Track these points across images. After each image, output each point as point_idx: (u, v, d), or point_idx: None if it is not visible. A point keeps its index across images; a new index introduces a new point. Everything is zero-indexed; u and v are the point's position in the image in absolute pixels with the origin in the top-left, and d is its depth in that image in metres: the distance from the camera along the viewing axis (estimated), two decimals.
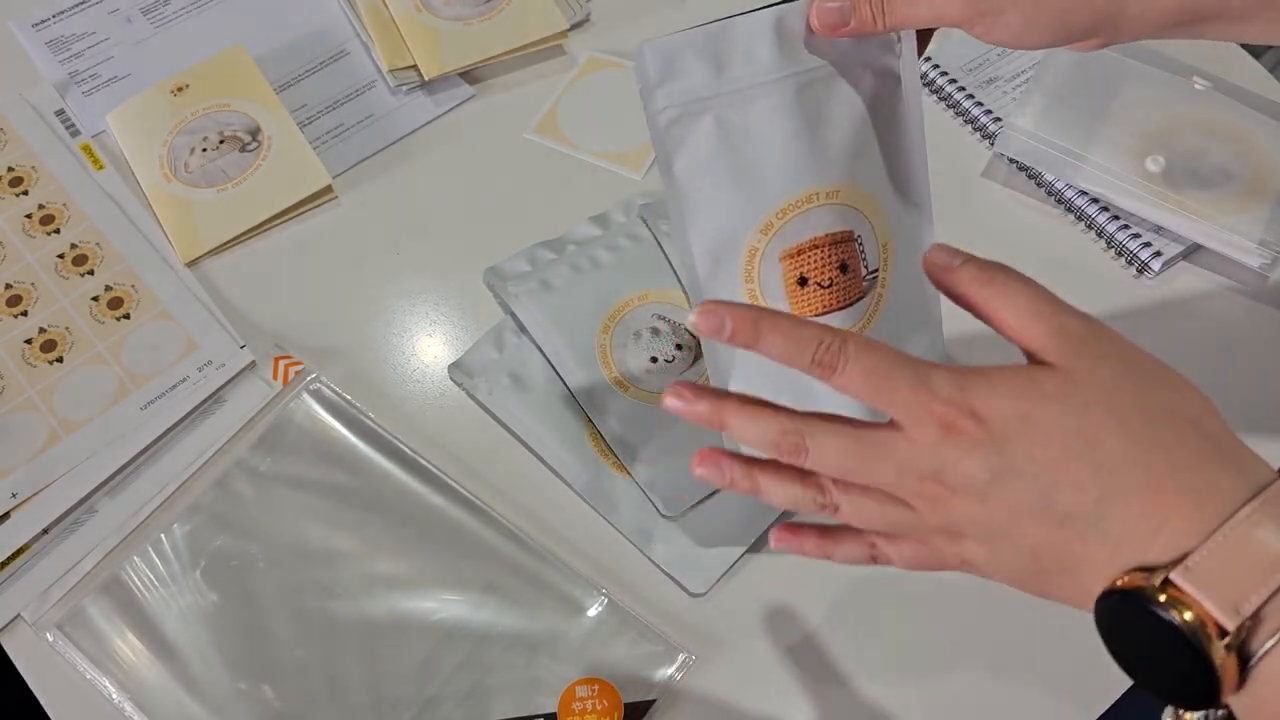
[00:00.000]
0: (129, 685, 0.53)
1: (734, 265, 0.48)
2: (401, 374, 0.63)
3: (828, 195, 0.47)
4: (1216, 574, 0.28)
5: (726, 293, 0.49)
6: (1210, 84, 0.69)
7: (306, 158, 0.70)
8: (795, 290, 0.48)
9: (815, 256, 0.47)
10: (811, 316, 0.48)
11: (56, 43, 0.77)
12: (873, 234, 0.49)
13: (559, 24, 0.75)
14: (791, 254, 0.48)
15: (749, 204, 0.47)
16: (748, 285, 0.48)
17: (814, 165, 0.47)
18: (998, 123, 0.71)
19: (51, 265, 0.66)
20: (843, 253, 0.48)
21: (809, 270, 0.48)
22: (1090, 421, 0.32)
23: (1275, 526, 0.28)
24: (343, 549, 0.56)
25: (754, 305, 0.38)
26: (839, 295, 0.48)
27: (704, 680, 0.54)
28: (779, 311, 0.38)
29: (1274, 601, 0.27)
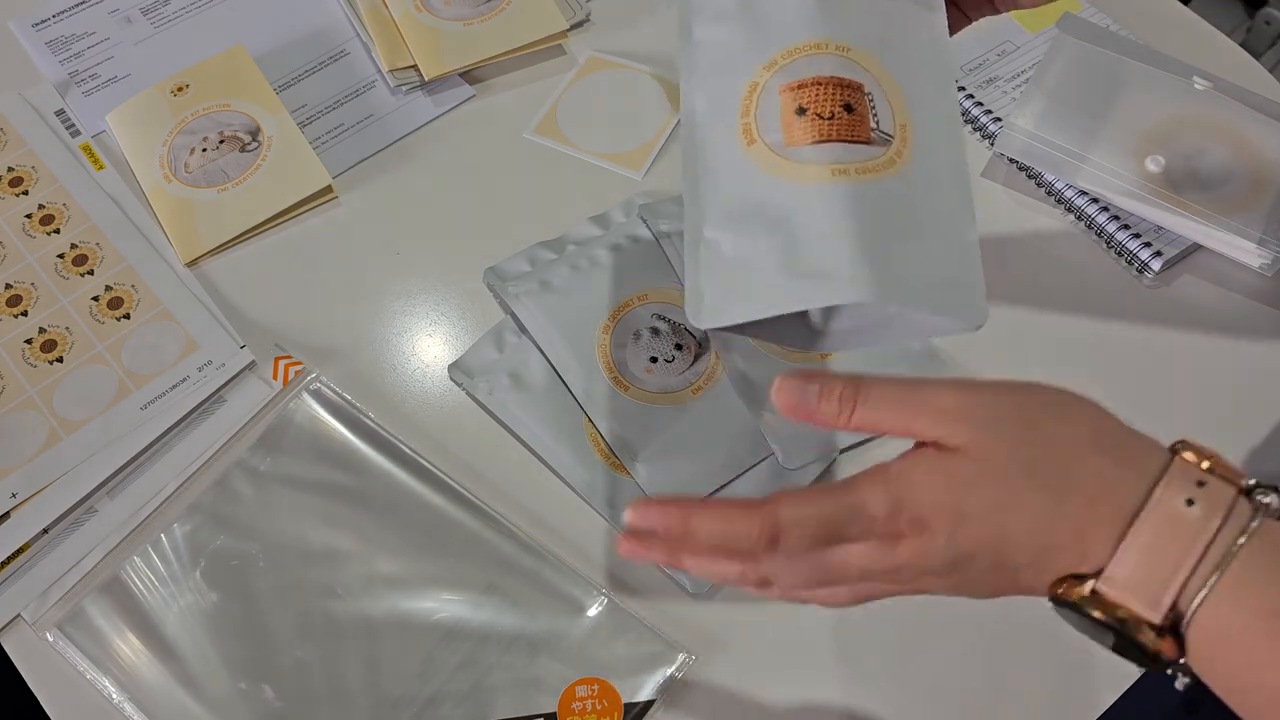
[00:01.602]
0: (129, 685, 0.53)
1: (731, 100, 0.46)
2: (401, 374, 0.63)
3: (838, 48, 0.45)
4: (1131, 579, 0.32)
5: (720, 131, 0.46)
6: (1210, 84, 0.69)
7: (306, 158, 0.70)
8: (792, 120, 0.44)
9: (817, 91, 0.44)
10: (807, 145, 0.43)
11: (56, 43, 0.77)
12: (888, 104, 0.45)
13: (559, 24, 0.75)
14: (793, 86, 0.45)
15: (756, 44, 0.46)
16: (743, 120, 0.45)
17: (830, 22, 0.46)
18: (998, 123, 0.71)
19: (51, 265, 0.66)
20: (849, 95, 0.44)
21: (809, 101, 0.44)
22: (1011, 490, 0.34)
23: (1167, 524, 0.31)
24: (343, 549, 0.57)
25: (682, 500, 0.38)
26: (840, 128, 0.43)
27: (704, 680, 0.54)
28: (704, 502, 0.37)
29: (1187, 588, 0.31)
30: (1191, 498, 0.31)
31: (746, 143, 0.44)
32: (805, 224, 0.42)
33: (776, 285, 0.41)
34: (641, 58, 0.76)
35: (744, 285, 0.42)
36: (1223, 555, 0.30)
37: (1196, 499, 0.31)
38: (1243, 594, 0.30)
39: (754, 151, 0.44)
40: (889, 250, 0.41)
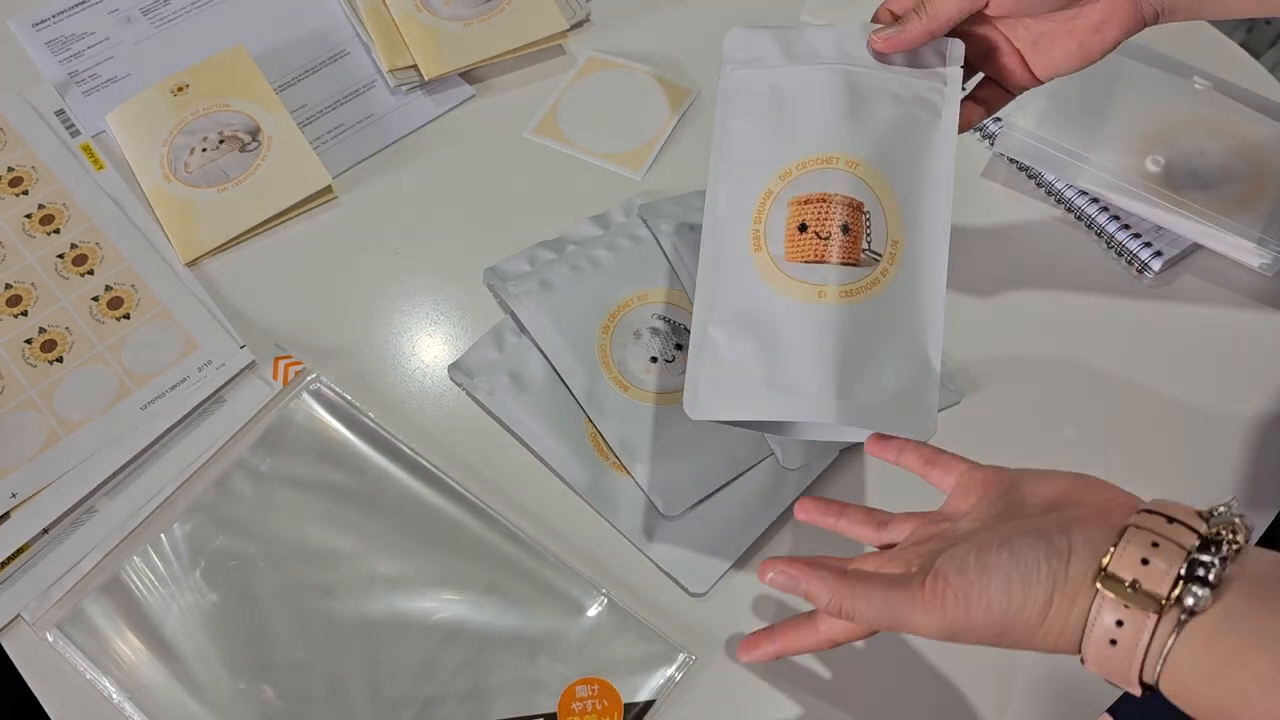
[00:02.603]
0: (129, 685, 0.53)
1: (749, 203, 0.51)
2: (401, 374, 0.63)
3: (849, 163, 0.50)
4: (1100, 670, 0.37)
5: (735, 231, 0.51)
6: (1210, 84, 0.69)
7: (306, 158, 0.70)
8: (794, 235, 0.49)
9: (820, 208, 0.49)
10: (801, 263, 0.49)
11: (56, 43, 0.77)
12: (884, 222, 0.50)
13: (559, 24, 0.75)
14: (800, 201, 0.50)
15: (776, 152, 0.51)
16: (755, 226, 0.50)
17: (844, 136, 0.50)
18: (998, 123, 0.71)
19: (51, 265, 0.66)
20: (848, 215, 0.49)
21: (810, 218, 0.49)
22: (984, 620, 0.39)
23: (1103, 652, 0.36)
24: (343, 549, 0.57)
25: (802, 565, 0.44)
26: (834, 250, 0.49)
27: (704, 680, 0.54)
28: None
29: (1148, 662, 0.35)
30: (1114, 638, 0.36)
31: (754, 248, 0.50)
32: (789, 340, 0.48)
33: (759, 395, 0.48)
34: (641, 58, 0.76)
35: (733, 389, 0.48)
36: (1156, 664, 0.35)
37: (1118, 638, 0.36)
38: (1180, 688, 0.35)
39: (758, 259, 0.49)
40: (856, 375, 0.47)
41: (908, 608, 0.40)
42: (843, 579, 0.42)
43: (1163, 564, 0.35)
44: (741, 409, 0.49)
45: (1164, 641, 0.35)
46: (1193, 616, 0.35)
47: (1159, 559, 0.35)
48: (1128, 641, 0.36)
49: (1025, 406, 0.62)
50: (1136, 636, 0.35)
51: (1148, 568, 0.36)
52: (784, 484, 0.58)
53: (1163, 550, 0.36)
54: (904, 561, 0.42)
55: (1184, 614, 0.35)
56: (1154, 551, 0.36)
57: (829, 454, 0.59)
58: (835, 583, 0.42)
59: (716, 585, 0.56)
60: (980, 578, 0.39)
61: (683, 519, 0.57)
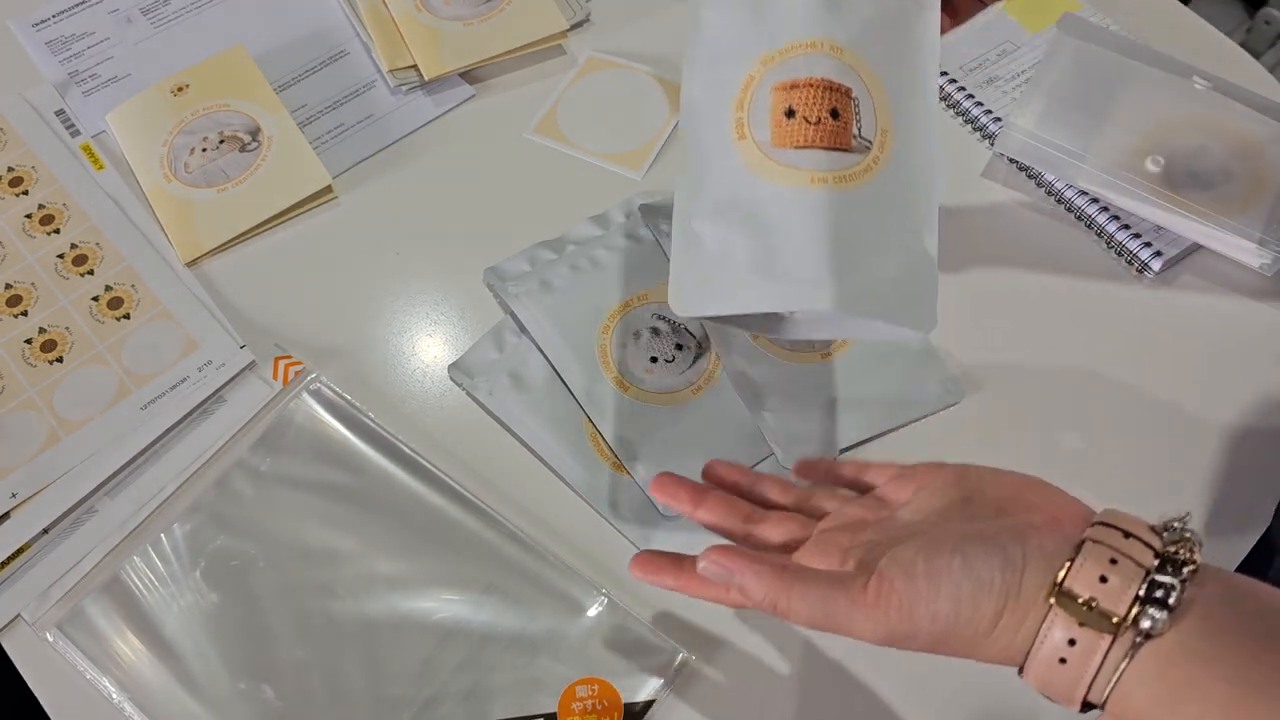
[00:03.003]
0: (129, 685, 0.53)
1: (728, 90, 0.48)
2: (401, 374, 0.63)
3: (834, 49, 0.47)
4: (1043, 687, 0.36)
5: (714, 120, 0.48)
6: (1210, 84, 0.69)
7: (306, 158, 0.70)
8: (780, 121, 0.47)
9: (807, 93, 0.46)
10: (791, 148, 0.46)
11: (56, 43, 0.77)
12: (872, 109, 0.47)
13: (559, 24, 0.75)
14: (785, 86, 0.47)
15: (757, 37, 0.48)
16: (736, 115, 0.48)
17: (830, 22, 0.48)
18: (998, 123, 0.71)
19: (51, 265, 0.66)
20: (836, 100, 0.46)
21: (798, 103, 0.46)
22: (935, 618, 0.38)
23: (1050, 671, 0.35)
24: (343, 549, 0.57)
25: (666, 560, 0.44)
26: (824, 134, 0.46)
27: (704, 680, 0.54)
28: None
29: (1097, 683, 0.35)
30: (1063, 656, 0.35)
31: (737, 136, 0.47)
32: (780, 227, 0.45)
33: (749, 285, 0.45)
34: (641, 58, 0.76)
35: (720, 281, 0.45)
36: (1105, 687, 0.34)
37: (1068, 657, 0.35)
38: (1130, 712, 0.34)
39: (743, 147, 0.46)
40: (853, 261, 0.44)
41: (847, 610, 0.38)
42: (780, 575, 0.39)
43: (1120, 583, 0.34)
44: (731, 301, 0.46)
45: (1116, 664, 0.34)
46: (1148, 640, 0.34)
47: (1117, 577, 0.34)
48: (1078, 661, 0.34)
49: (1025, 406, 0.62)
50: (1088, 657, 0.34)
51: (1105, 586, 0.34)
52: None
53: (1121, 568, 0.34)
54: (839, 550, 0.40)
55: (1140, 636, 0.34)
56: (1112, 569, 0.34)
57: (829, 454, 0.59)
58: (771, 578, 0.39)
59: None
60: (929, 585, 0.37)
61: (683, 519, 0.57)
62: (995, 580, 0.36)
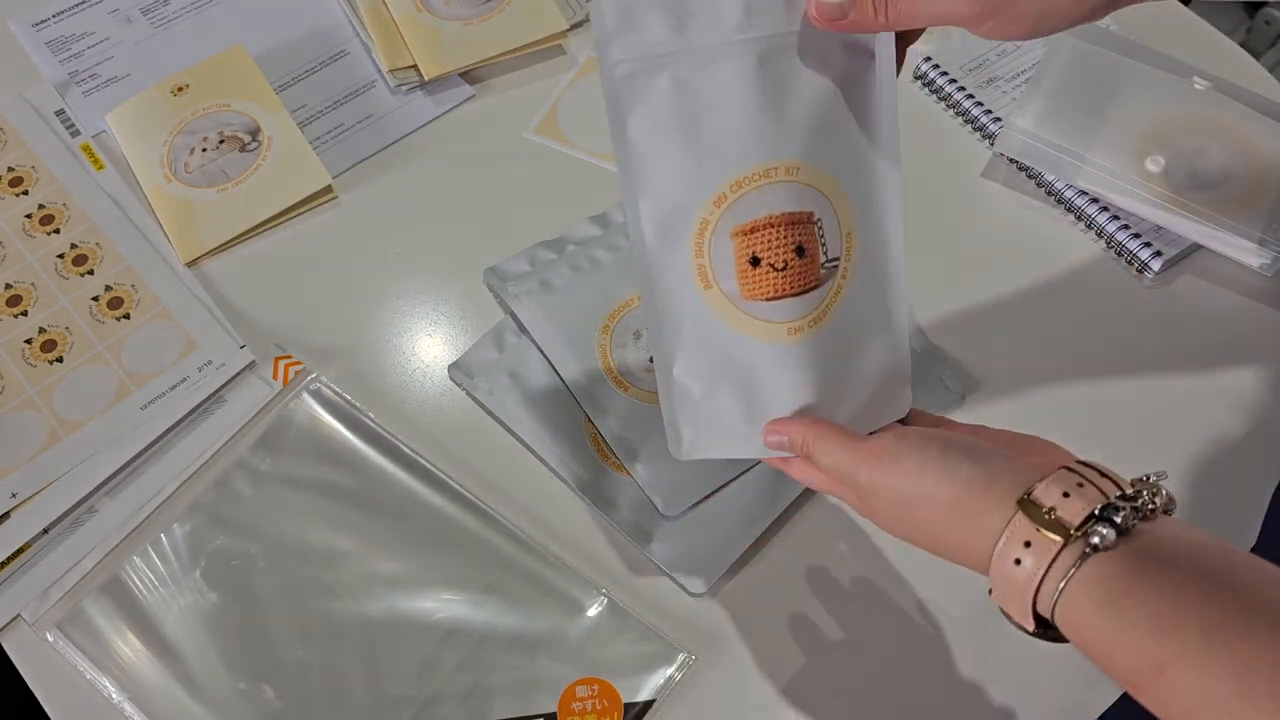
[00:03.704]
0: (129, 685, 0.53)
1: (684, 238, 0.45)
2: (401, 374, 0.63)
3: (786, 171, 0.44)
4: (1000, 596, 0.39)
5: (675, 269, 0.45)
6: (1210, 84, 0.69)
7: (306, 158, 0.70)
8: (746, 270, 0.44)
9: (770, 236, 0.44)
10: (763, 301, 0.44)
11: (56, 43, 0.77)
12: (835, 220, 0.45)
13: (559, 24, 0.75)
14: (745, 231, 0.44)
15: (702, 173, 0.44)
16: (697, 260, 0.45)
17: (774, 138, 0.44)
18: (998, 123, 0.71)
19: (51, 265, 0.66)
20: (800, 234, 0.44)
21: (762, 250, 0.44)
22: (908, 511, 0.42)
23: (1005, 581, 0.38)
24: (343, 549, 0.57)
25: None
26: (793, 280, 0.44)
27: (704, 680, 0.54)
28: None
29: (1044, 589, 0.37)
30: (1018, 557, 0.37)
31: (703, 286, 0.45)
32: (764, 380, 0.46)
33: (742, 435, 0.47)
34: None
35: (714, 430, 0.47)
36: (1052, 595, 0.37)
37: (1023, 557, 0.37)
38: (1073, 622, 0.37)
39: (711, 297, 0.45)
40: (837, 394, 0.46)
41: (851, 455, 0.43)
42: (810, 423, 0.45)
43: (1080, 502, 0.37)
44: (728, 449, 0.48)
45: (1064, 570, 0.36)
46: (1095, 553, 0.36)
47: (1077, 497, 0.37)
48: (1030, 566, 0.37)
49: (1025, 406, 0.62)
50: (1039, 562, 0.37)
51: (1066, 500, 0.37)
52: (784, 484, 0.58)
53: (1084, 491, 0.37)
54: None
55: (1088, 548, 0.36)
56: (1077, 490, 0.37)
57: None
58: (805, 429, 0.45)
59: (716, 585, 0.56)
60: (905, 451, 0.42)
61: (683, 519, 0.57)
62: (961, 469, 0.40)
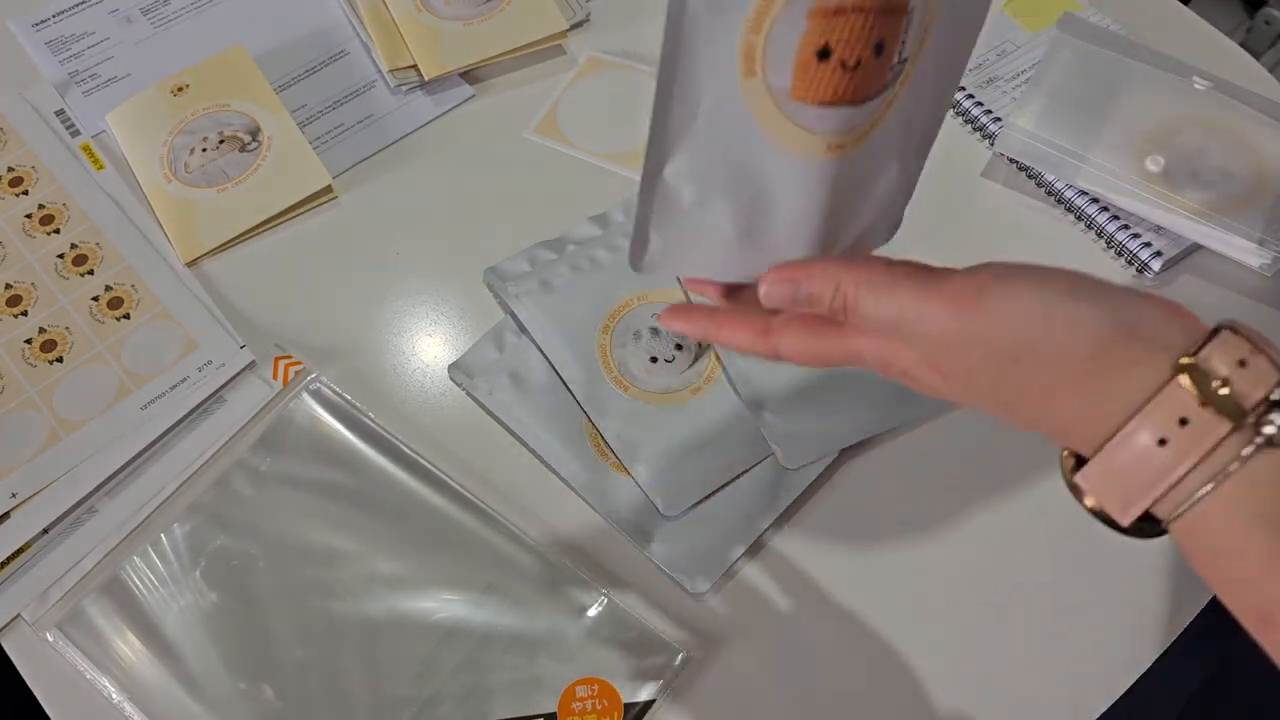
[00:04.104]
0: (129, 685, 0.53)
1: (742, 3, 0.35)
2: (401, 374, 0.63)
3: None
4: (1100, 491, 0.32)
5: (715, 39, 0.36)
6: (1210, 84, 0.69)
7: (306, 158, 0.70)
8: (809, 63, 0.35)
9: (856, 23, 0.34)
10: (814, 104, 0.36)
11: (56, 43, 0.77)
12: (925, 13, 0.36)
13: (559, 24, 0.75)
14: (829, 11, 0.34)
15: None
16: (749, 37, 0.35)
17: None
18: (998, 123, 0.71)
19: (51, 265, 0.66)
20: (886, 28, 0.35)
21: (839, 40, 0.35)
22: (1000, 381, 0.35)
23: (1133, 460, 0.31)
24: (343, 549, 0.57)
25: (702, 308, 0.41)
26: (860, 83, 0.35)
27: (704, 680, 0.54)
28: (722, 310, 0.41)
29: (1159, 506, 0.31)
30: (1165, 436, 0.30)
31: (744, 71, 0.36)
32: (779, 201, 0.38)
33: (729, 256, 0.40)
34: (641, 58, 0.76)
35: (695, 245, 0.40)
36: (1194, 492, 0.30)
37: (1171, 438, 0.30)
38: (1212, 528, 0.30)
39: (750, 87, 0.36)
40: (845, 223, 0.40)
41: (915, 303, 0.35)
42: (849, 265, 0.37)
43: (1260, 374, 0.30)
44: (704, 268, 0.40)
45: (1223, 463, 0.29)
46: (1270, 447, 0.29)
47: (1254, 370, 0.30)
48: (1176, 450, 0.29)
49: None
50: (1192, 447, 0.29)
51: (1245, 371, 0.30)
52: (784, 484, 0.58)
53: (1259, 365, 0.30)
54: None
55: (1260, 439, 0.29)
56: (1254, 360, 0.30)
57: (830, 454, 0.59)
58: (839, 268, 0.37)
59: (716, 585, 0.56)
60: (1027, 286, 0.33)
61: (683, 519, 0.57)
62: (1105, 317, 0.32)
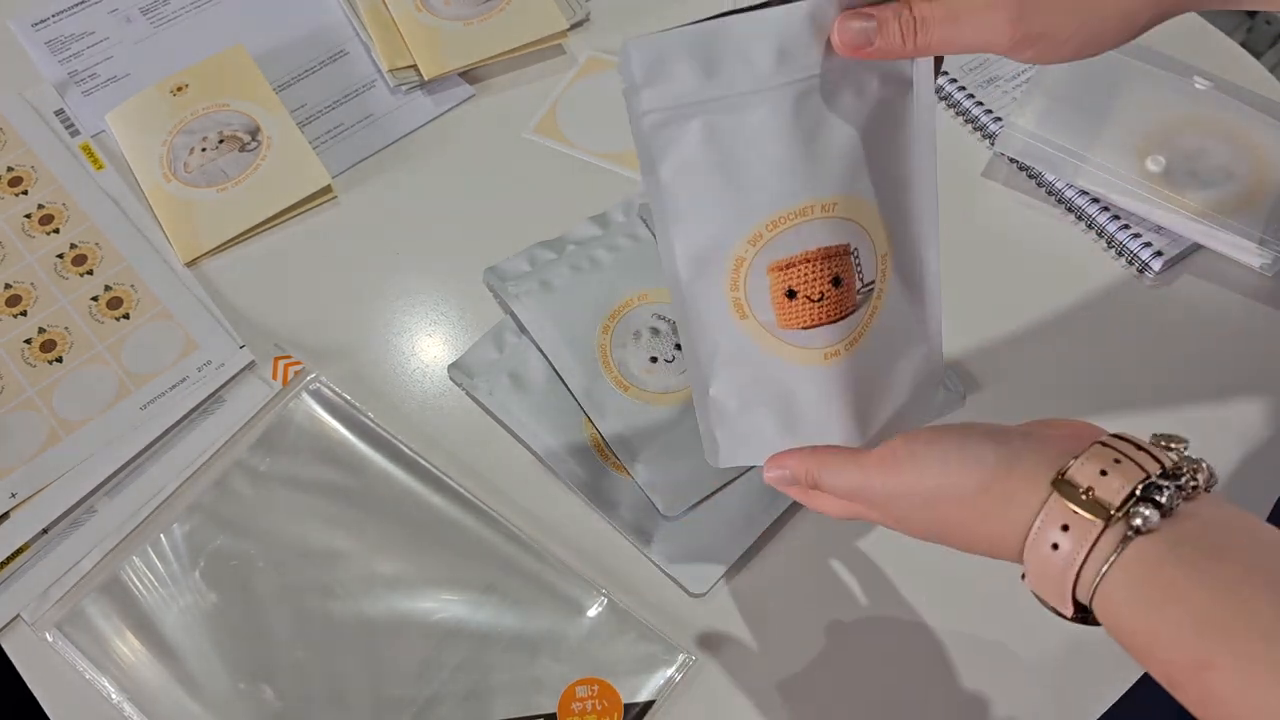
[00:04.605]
0: (128, 685, 0.53)
1: (719, 274, 0.46)
2: (401, 374, 0.63)
3: (824, 209, 0.44)
4: (1039, 582, 0.37)
5: (710, 301, 0.46)
6: (1210, 84, 0.69)
7: (306, 158, 0.70)
8: (783, 302, 0.45)
9: (806, 270, 0.45)
10: (799, 330, 0.45)
11: (56, 43, 0.77)
12: (871, 247, 0.46)
13: (559, 24, 0.75)
14: (781, 267, 0.44)
15: (738, 214, 0.44)
16: (733, 294, 0.46)
17: (810, 177, 0.44)
18: (998, 122, 0.71)
19: (51, 265, 0.66)
20: (836, 266, 0.45)
21: (798, 284, 0.45)
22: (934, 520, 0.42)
23: (1041, 564, 0.37)
24: (343, 549, 0.56)
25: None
26: (830, 310, 0.45)
27: (704, 680, 0.54)
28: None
29: (1079, 596, 0.36)
30: (1056, 541, 0.36)
31: (739, 316, 0.46)
32: (800, 399, 0.47)
33: (777, 444, 0.48)
34: None
35: (749, 440, 0.49)
36: (1092, 580, 0.35)
37: (1060, 541, 0.36)
38: (1112, 610, 0.35)
39: (747, 327, 0.46)
40: (872, 407, 0.47)
41: (863, 472, 0.43)
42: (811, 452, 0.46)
43: (1119, 480, 0.35)
44: (761, 456, 0.49)
45: (1106, 555, 0.35)
46: (1138, 535, 0.34)
47: (1116, 475, 0.36)
48: (1069, 550, 0.35)
49: (1026, 406, 0.62)
50: (1079, 545, 0.35)
51: (1104, 479, 0.36)
52: None
53: (1123, 468, 0.36)
54: None
55: (1130, 531, 0.34)
56: (1115, 467, 0.36)
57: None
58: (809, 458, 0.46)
59: (716, 585, 0.56)
60: (918, 446, 0.41)
61: (683, 519, 0.57)
62: (988, 456, 0.39)
